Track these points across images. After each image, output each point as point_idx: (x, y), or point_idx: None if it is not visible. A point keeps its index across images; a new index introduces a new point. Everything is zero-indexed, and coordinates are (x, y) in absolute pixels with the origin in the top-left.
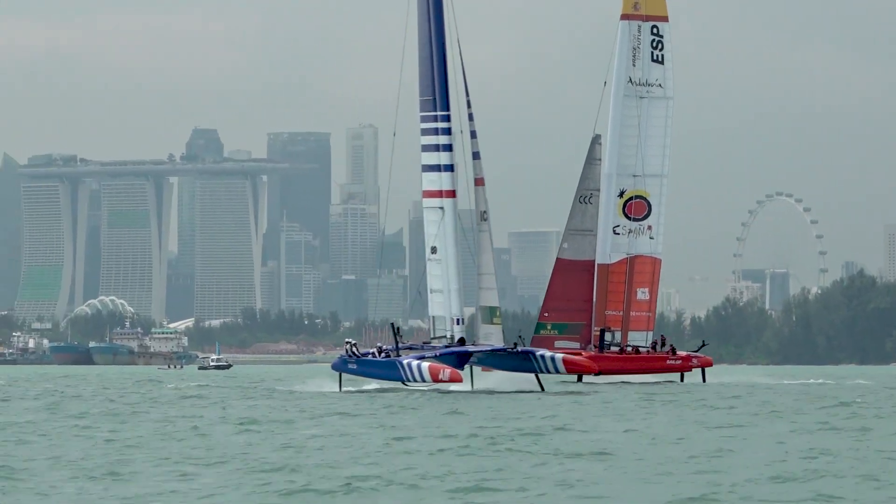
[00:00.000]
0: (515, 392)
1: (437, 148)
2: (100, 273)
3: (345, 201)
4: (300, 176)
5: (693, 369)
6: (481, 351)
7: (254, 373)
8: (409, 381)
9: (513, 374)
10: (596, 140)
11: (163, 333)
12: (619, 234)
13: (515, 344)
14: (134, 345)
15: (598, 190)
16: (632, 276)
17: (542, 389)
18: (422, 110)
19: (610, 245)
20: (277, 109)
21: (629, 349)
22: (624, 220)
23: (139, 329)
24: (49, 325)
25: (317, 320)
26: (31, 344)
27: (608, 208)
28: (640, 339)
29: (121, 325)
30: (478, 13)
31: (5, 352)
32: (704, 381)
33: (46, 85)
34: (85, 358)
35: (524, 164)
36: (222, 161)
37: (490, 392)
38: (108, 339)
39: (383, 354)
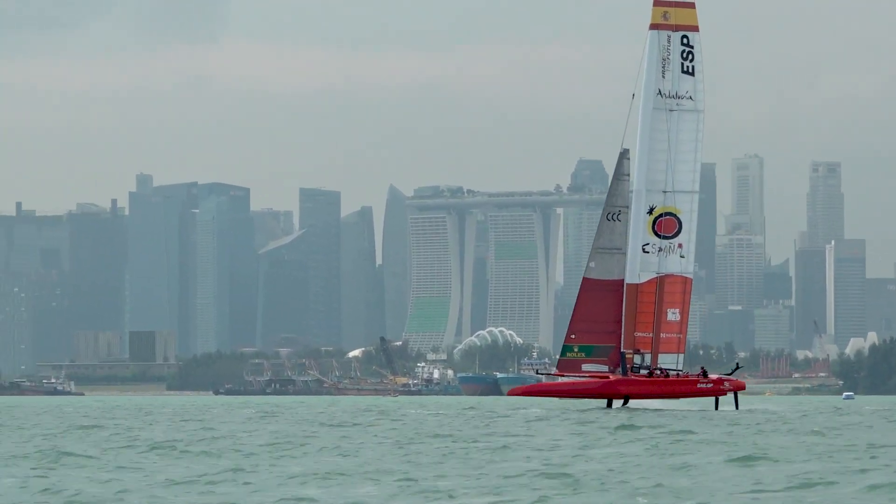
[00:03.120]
0: None
1: None
2: (486, 304)
3: (730, 232)
4: None
5: (727, 393)
6: None
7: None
8: None
9: None
10: (624, 155)
11: None
12: (648, 252)
13: None
14: (542, 376)
15: (627, 207)
16: (661, 296)
17: None
18: None
19: (639, 264)
20: None
21: (658, 372)
22: (653, 238)
23: (546, 360)
24: (444, 356)
25: (711, 350)
26: (436, 374)
27: (637, 226)
28: (670, 361)
29: (526, 355)
30: None
31: (409, 382)
32: (737, 407)
33: (432, 117)
34: (493, 388)
35: None
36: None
37: None
38: (513, 369)
39: None
